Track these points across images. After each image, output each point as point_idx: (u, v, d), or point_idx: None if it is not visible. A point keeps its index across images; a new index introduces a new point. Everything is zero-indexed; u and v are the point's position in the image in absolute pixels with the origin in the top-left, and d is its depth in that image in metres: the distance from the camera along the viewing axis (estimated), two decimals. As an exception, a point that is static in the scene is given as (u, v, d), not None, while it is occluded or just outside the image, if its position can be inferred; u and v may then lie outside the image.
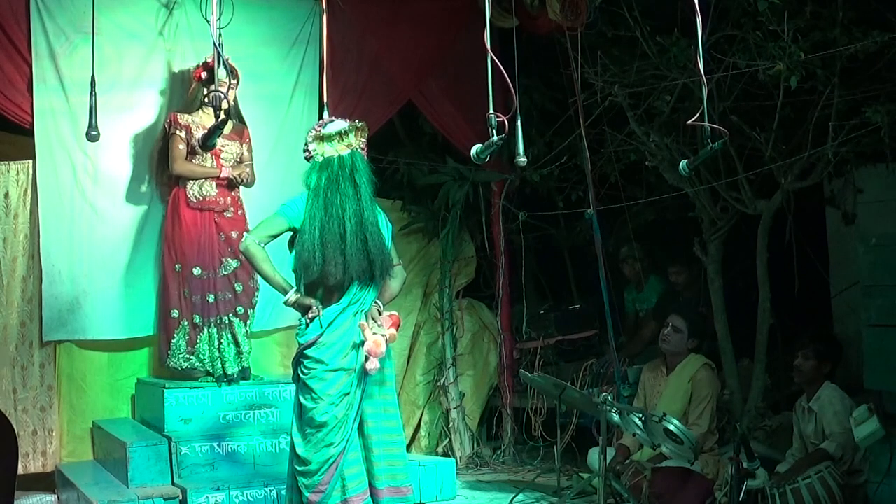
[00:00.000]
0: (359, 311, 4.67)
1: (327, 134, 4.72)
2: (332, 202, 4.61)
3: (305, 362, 4.64)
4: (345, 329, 4.63)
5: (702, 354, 6.03)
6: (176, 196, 6.18)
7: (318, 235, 4.57)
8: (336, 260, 4.56)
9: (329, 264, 4.56)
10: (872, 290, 5.59)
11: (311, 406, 4.59)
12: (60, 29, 6.09)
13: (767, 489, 5.15)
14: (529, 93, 7.30)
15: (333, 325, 4.61)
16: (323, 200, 4.62)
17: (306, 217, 4.63)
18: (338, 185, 4.64)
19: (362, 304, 4.69)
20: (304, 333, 4.65)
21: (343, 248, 4.56)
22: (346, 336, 4.63)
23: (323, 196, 4.63)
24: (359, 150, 4.76)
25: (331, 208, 4.60)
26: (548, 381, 6.04)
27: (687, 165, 4.80)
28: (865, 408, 5.09)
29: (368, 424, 4.70)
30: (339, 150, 4.70)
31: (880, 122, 5.51)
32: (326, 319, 4.61)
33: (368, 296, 4.72)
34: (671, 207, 7.38)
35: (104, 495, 5.33)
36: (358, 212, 4.62)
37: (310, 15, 6.82)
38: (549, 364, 7.34)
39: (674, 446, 5.22)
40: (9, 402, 5.98)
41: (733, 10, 6.07)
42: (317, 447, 4.56)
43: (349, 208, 4.61)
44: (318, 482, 4.55)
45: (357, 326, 4.64)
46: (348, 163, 4.69)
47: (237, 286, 6.15)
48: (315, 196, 4.65)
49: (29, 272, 6.11)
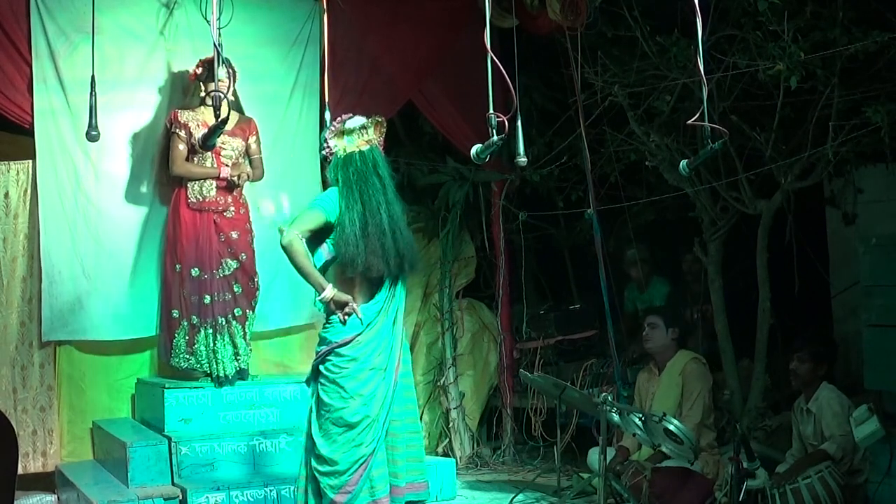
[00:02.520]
0: (391, 309, 4.64)
1: (348, 129, 4.69)
2: (366, 194, 4.58)
3: (337, 360, 4.56)
4: (380, 327, 4.60)
5: (691, 349, 6.05)
6: (177, 196, 6.18)
7: (360, 227, 4.51)
8: (377, 251, 4.52)
9: (371, 255, 4.51)
10: (872, 290, 5.58)
11: (340, 406, 4.53)
12: (60, 29, 6.08)
13: (767, 489, 5.14)
14: (529, 93, 7.30)
15: (373, 323, 4.58)
16: (358, 193, 4.58)
17: (343, 210, 4.57)
18: (365, 180, 4.61)
19: (397, 301, 4.67)
20: (338, 331, 4.57)
21: (383, 241, 4.53)
22: (381, 335, 4.60)
23: (357, 189, 4.58)
24: (377, 146, 4.73)
25: (368, 200, 4.57)
26: (548, 381, 6.04)
27: (687, 165, 4.80)
28: (865, 408, 5.09)
29: (395, 423, 4.67)
30: (359, 145, 4.67)
31: (880, 122, 5.51)
32: (367, 318, 4.57)
33: (400, 293, 4.69)
34: (671, 207, 7.38)
35: (104, 495, 5.33)
36: (387, 205, 4.60)
37: (310, 15, 6.82)
38: (549, 364, 7.34)
39: (674, 446, 5.23)
40: (9, 402, 5.98)
41: (733, 10, 6.07)
42: (346, 447, 4.51)
43: (382, 201, 4.59)
44: (346, 482, 4.50)
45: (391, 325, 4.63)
46: (369, 158, 4.66)
47: (236, 287, 6.13)
48: (349, 189, 4.60)
49: (29, 272, 6.11)
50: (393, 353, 4.63)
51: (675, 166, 5.93)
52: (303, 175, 6.73)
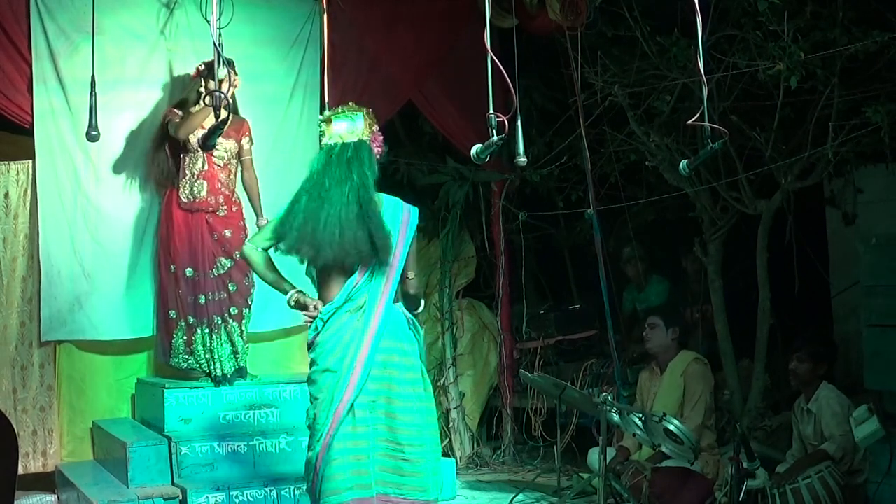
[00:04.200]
0: (355, 308, 4.44)
1: (333, 113, 4.60)
2: (317, 186, 4.46)
3: (310, 362, 4.52)
4: (337, 327, 4.43)
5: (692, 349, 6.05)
6: (169, 197, 6.17)
7: (300, 219, 4.40)
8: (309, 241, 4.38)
9: (305, 245, 4.39)
10: (872, 290, 5.58)
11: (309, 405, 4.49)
12: (61, 29, 6.08)
13: (767, 489, 5.15)
14: (529, 93, 7.30)
15: (329, 323, 4.44)
16: (312, 182, 4.48)
17: (291, 200, 4.49)
18: (329, 169, 4.48)
19: (369, 300, 4.44)
20: (310, 333, 4.51)
21: (318, 232, 4.36)
22: (339, 335, 4.42)
23: (314, 178, 4.49)
24: (366, 142, 4.56)
25: (313, 191, 4.45)
26: (548, 381, 6.04)
27: (687, 165, 4.79)
28: (865, 408, 5.09)
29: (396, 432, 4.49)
30: (343, 137, 4.54)
31: (880, 122, 5.51)
32: (324, 317, 4.45)
33: (373, 291, 4.44)
34: (671, 207, 7.38)
35: (104, 495, 5.33)
36: (349, 191, 4.42)
37: (310, 15, 6.82)
38: (549, 364, 7.34)
39: (674, 446, 5.23)
40: (9, 403, 5.98)
41: (733, 10, 6.07)
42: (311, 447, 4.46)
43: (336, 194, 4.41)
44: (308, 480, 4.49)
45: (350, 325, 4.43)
46: (349, 150, 4.51)
47: (231, 286, 6.12)
48: (307, 178, 4.52)
49: (29, 272, 6.11)
50: (353, 354, 4.39)
51: (675, 166, 5.93)
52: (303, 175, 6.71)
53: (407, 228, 4.55)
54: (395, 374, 4.45)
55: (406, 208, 4.60)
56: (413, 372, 4.51)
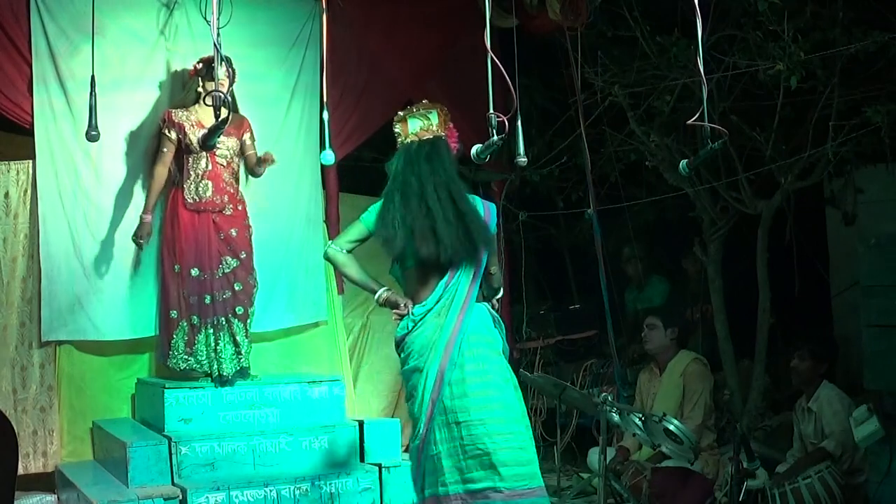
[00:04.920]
0: (443, 310, 4.43)
1: (408, 112, 4.62)
2: (407, 184, 4.45)
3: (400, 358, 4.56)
4: (424, 328, 4.44)
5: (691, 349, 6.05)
6: (174, 197, 6.16)
7: (399, 216, 4.38)
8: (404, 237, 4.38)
9: (402, 241, 4.39)
10: (872, 290, 5.59)
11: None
12: (61, 29, 6.08)
13: (767, 489, 5.15)
14: (529, 93, 7.31)
15: (420, 324, 4.44)
16: (399, 183, 4.47)
17: (383, 202, 4.48)
18: (412, 167, 4.48)
19: (457, 300, 4.43)
20: (398, 330, 4.51)
21: (421, 228, 4.36)
22: (425, 335, 4.43)
23: (401, 177, 4.48)
24: (443, 137, 4.58)
25: (406, 189, 4.44)
26: (548, 381, 6.04)
27: (687, 165, 4.79)
28: (865, 408, 5.10)
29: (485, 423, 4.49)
30: (419, 134, 4.56)
31: (880, 122, 5.52)
32: (417, 318, 4.45)
33: (460, 290, 4.44)
34: (671, 207, 7.39)
35: (104, 495, 5.32)
36: (439, 187, 4.42)
37: (310, 15, 6.81)
38: (549, 364, 7.35)
39: (674, 446, 5.23)
40: (9, 403, 5.97)
41: (733, 10, 6.08)
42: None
43: (429, 190, 4.41)
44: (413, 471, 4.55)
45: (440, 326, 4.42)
46: (426, 147, 4.53)
47: (237, 285, 6.12)
48: (392, 179, 4.52)
49: (29, 272, 6.10)
50: (436, 355, 4.40)
51: (675, 166, 5.94)
52: (304, 176, 6.72)
53: (489, 225, 4.59)
54: (486, 368, 4.45)
55: (486, 204, 4.62)
56: (501, 365, 4.52)
